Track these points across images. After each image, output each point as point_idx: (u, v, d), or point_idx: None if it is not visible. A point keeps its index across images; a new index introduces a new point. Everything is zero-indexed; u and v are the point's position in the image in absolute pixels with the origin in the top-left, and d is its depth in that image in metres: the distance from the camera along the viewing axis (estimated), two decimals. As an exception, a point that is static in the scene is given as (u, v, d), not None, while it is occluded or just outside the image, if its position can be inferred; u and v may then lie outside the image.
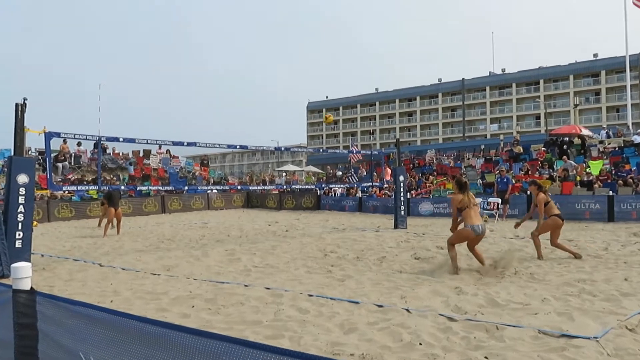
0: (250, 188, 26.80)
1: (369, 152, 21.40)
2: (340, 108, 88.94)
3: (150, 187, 19.56)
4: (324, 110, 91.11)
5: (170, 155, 33.44)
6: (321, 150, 19.31)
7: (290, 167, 51.65)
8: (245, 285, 7.34)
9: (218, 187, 25.48)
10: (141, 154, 31.97)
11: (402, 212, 15.69)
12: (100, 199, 17.02)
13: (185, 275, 8.38)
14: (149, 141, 12.49)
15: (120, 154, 31.46)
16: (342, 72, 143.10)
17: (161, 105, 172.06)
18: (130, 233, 16.04)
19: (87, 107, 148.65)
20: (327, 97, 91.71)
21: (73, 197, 23.69)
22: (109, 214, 15.19)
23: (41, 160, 25.82)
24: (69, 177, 26.04)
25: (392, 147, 66.16)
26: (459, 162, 30.47)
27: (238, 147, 14.46)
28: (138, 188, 16.02)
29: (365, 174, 28.58)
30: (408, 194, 21.15)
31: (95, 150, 28.51)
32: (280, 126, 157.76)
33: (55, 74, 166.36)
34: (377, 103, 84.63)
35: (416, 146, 68.92)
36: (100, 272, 8.82)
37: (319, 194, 26.81)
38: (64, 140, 26.63)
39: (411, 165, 29.49)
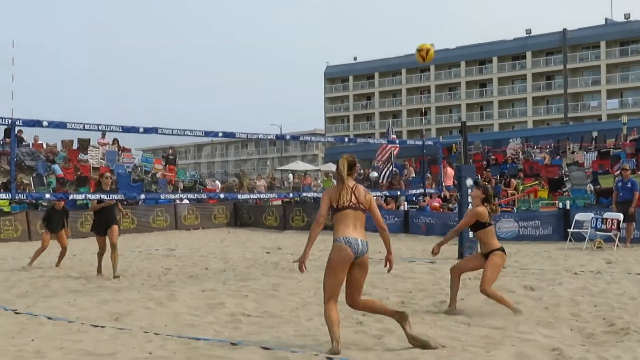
0: (240, 197, 26.97)
1: (419, 143, 21.37)
2: (376, 76, 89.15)
3: (88, 196, 19.71)
4: (350, 79, 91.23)
5: (119, 147, 33.81)
6: (346, 139, 19.42)
7: (300, 166, 51.82)
8: (233, 344, 7.41)
9: (190, 196, 25.59)
10: (75, 146, 32.39)
11: (470, 234, 15.71)
12: (41, 219, 17.00)
13: (142, 327, 8.46)
14: (86, 126, 12.67)
15: (45, 146, 31.89)
16: (378, 20, 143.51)
17: (106, 76, 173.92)
18: (60, 264, 16.23)
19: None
20: (355, 58, 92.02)
21: (-28, 211, 24.10)
22: (43, 240, 15.56)
23: None
24: (-32, 180, 26.45)
25: (456, 134, 65.98)
26: (557, 157, 30.31)
27: (220, 134, 14.58)
28: (70, 197, 16.19)
29: (413, 175, 28.59)
30: (479, 206, 21.10)
31: (7, 140, 28.91)
32: (284, 104, 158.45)
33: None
34: (433, 68, 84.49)
35: (492, 133, 68.82)
36: (16, 322, 8.94)
37: (342, 205, 26.83)
38: (-42, 126, 27.01)
39: (484, 162, 29.45)
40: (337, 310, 7.13)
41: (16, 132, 14.65)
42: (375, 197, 25.35)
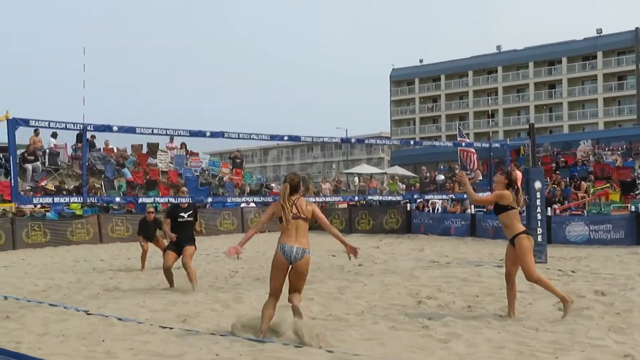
0: (305, 200, 27.08)
1: (487, 145, 21.13)
2: (442, 78, 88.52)
3: (157, 199, 20.05)
4: (416, 81, 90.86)
5: (187, 151, 34.33)
6: (412, 142, 19.32)
7: (366, 169, 51.77)
8: (297, 346, 7.44)
9: (257, 199, 25.82)
10: (144, 150, 33.01)
11: (540, 238, 15.75)
12: (137, 233, 16.81)
13: (209, 329, 8.59)
14: (155, 131, 12.91)
15: (115, 150, 32.58)
16: (444, 22, 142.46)
17: (174, 83, 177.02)
18: (130, 266, 16.55)
19: (67, 84, 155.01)
20: (421, 61, 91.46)
21: (48, 214, 24.68)
22: (142, 247, 15.95)
23: (2, 160, 27.00)
24: (42, 183, 27.21)
25: (524, 136, 65.10)
26: (630, 159, 29.59)
27: (286, 138, 14.69)
28: (140, 200, 16.50)
29: (480, 178, 28.29)
30: (549, 209, 20.75)
31: (79, 144, 29.65)
32: (350, 107, 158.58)
33: (16, 36, 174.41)
34: (500, 69, 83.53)
35: (562, 135, 67.51)
36: (88, 323, 9.16)
37: (409, 209, 26.79)
38: (34, 131, 27.77)
39: (553, 164, 28.96)
40: (274, 308, 7.95)
41: (88, 137, 15.08)
42: (440, 200, 24.98)
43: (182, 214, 12.58)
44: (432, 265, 15.59)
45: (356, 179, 43.82)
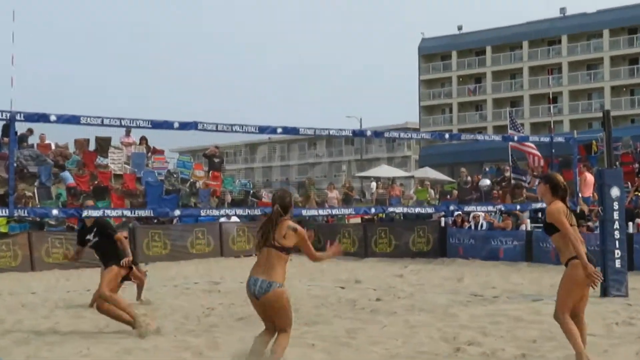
0: (306, 213, 26.85)
1: (547, 139, 21.05)
2: (488, 50, 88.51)
3: (108, 212, 20.01)
4: (453, 55, 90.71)
5: (149, 147, 34.26)
6: (447, 135, 19.24)
7: (386, 171, 51.74)
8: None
9: (241, 212, 25.68)
10: (92, 147, 32.94)
11: (618, 264, 15.65)
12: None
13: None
14: (106, 121, 12.84)
15: (53, 147, 32.52)
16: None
17: (133, 60, 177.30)
18: (69, 301, 16.47)
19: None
20: (459, 28, 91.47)
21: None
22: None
23: None
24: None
25: (596, 127, 64.85)
26: None
27: (280, 130, 14.61)
28: (85, 213, 16.36)
29: (538, 182, 28.17)
30: (630, 224, 20.64)
31: (5, 139, 29.58)
32: (365, 89, 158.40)
33: None
34: (564, 38, 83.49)
35: (647, 126, 67.36)
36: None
37: (443, 224, 26.70)
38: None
39: (636, 165, 28.83)
40: (264, 343, 8.87)
41: (19, 129, 14.95)
42: (484, 212, 25.02)
43: (88, 237, 12.70)
44: (474, 300, 15.52)
45: (373, 184, 43.74)
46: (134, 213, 17.50)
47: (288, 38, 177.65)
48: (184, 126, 13.45)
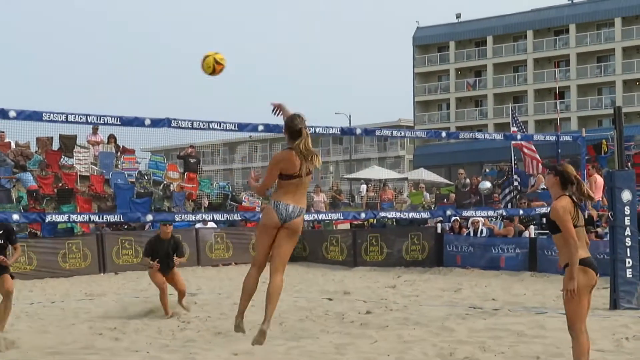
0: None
1: (552, 138, 21.17)
2: (489, 41, 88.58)
3: (73, 217, 19.98)
4: (450, 46, 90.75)
5: (118, 147, 34.20)
6: (444, 133, 19.31)
7: (377, 172, 51.83)
8: None
9: (219, 217, 25.61)
10: (56, 146, 32.84)
11: (629, 274, 15.67)
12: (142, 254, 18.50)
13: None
14: (71, 117, 12.85)
15: (13, 146, 32.41)
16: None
17: (101, 49, 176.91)
18: (32, 314, 16.48)
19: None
20: (457, 16, 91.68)
21: None
22: (154, 278, 16.54)
23: None
24: None
25: (606, 125, 64.89)
26: None
27: (261, 128, 14.64)
28: (49, 218, 16.40)
29: (543, 186, 28.29)
30: (642, 231, 20.75)
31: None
32: (354, 84, 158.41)
33: None
34: (572, 28, 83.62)
35: (662, 123, 67.58)
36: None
37: (440, 230, 26.76)
38: None
39: (650, 166, 28.97)
40: (256, 281, 9.91)
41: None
42: (484, 218, 25.18)
43: None
44: (473, 312, 15.58)
45: (363, 187, 43.90)
46: (102, 218, 17.48)
47: (268, 25, 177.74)
48: (156, 123, 13.46)
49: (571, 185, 8.79)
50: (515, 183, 27.33)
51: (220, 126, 14.09)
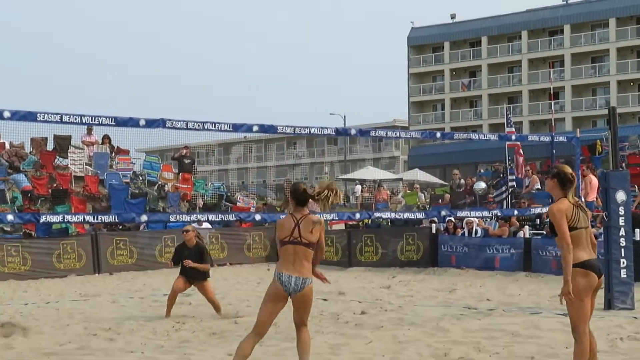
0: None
1: (547, 139, 21.21)
2: (484, 41, 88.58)
3: (68, 217, 20.02)
4: (445, 46, 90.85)
5: (113, 147, 34.19)
6: (439, 134, 19.34)
7: (372, 173, 51.87)
8: None
9: (214, 217, 25.61)
10: (50, 146, 32.81)
11: (623, 274, 15.71)
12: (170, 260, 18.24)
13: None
14: (65, 118, 12.86)
15: (7, 147, 32.38)
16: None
17: (96, 49, 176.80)
18: (27, 315, 16.46)
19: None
20: (452, 16, 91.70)
21: None
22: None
23: None
24: None
25: (601, 126, 64.96)
26: None
27: (256, 128, 14.68)
28: (44, 218, 16.42)
29: (537, 186, 28.36)
30: (637, 231, 20.75)
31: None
32: (349, 84, 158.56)
33: None
34: (567, 28, 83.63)
35: (656, 124, 67.64)
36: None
37: (435, 231, 26.77)
38: None
39: (644, 166, 29.03)
40: (252, 347, 9.45)
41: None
42: (479, 218, 25.12)
43: None
44: (468, 313, 15.60)
45: (358, 187, 43.91)
46: (97, 219, 17.49)
47: (263, 25, 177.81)
48: (150, 124, 13.49)
49: (570, 183, 8.82)
50: (511, 183, 27.34)
51: (214, 127, 14.13)
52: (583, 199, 21.81)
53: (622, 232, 15.98)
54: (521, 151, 27.56)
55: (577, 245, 8.69)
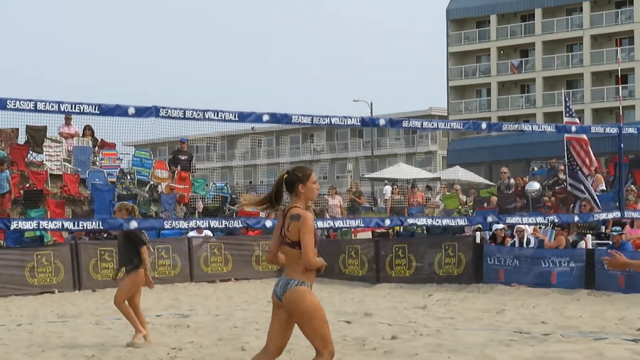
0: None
1: (614, 130, 21.17)
2: (537, 14, 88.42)
3: (43, 224, 20.03)
4: (492, 20, 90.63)
5: (96, 140, 34.23)
6: (484, 125, 19.29)
7: (405, 171, 51.86)
8: None
9: (216, 224, 25.63)
10: (22, 139, 32.88)
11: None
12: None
13: None
14: (41, 105, 12.89)
15: (-29, 138, 32.50)
16: None
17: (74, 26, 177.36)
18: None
19: None
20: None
21: None
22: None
23: None
24: None
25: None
26: None
27: (266, 118, 14.68)
28: (14, 225, 16.46)
29: (602, 187, 28.31)
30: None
31: None
32: (377, 66, 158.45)
33: None
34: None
35: None
36: None
37: (479, 240, 26.74)
38: None
39: None
40: None
41: None
42: (532, 225, 25.05)
43: None
44: (519, 338, 15.56)
45: (387, 188, 43.86)
46: (77, 225, 17.43)
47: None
48: (141, 112, 13.49)
49: None
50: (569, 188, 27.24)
51: (217, 116, 14.10)
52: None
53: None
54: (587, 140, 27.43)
55: None
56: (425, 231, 28.81)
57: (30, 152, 32.45)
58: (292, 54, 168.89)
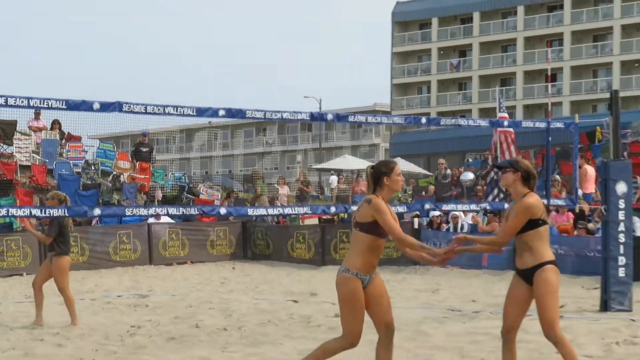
0: (252, 212, 27.02)
1: (543, 125, 21.33)
2: (475, 17, 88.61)
3: (12, 211, 20.01)
4: (433, 22, 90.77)
5: (63, 133, 34.10)
6: (424, 120, 19.41)
7: (350, 162, 51.91)
8: None
9: (174, 211, 25.59)
10: (-9, 132, 32.75)
11: (622, 273, 15.81)
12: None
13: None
14: (10, 100, 12.88)
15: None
16: None
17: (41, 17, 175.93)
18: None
19: None
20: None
21: None
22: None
23: None
24: None
25: (602, 111, 64.89)
26: None
27: (222, 113, 14.71)
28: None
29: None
30: (638, 226, 20.91)
31: None
32: (326, 64, 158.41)
33: None
34: (568, 2, 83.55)
35: (662, 109, 67.86)
36: None
37: (417, 226, 26.87)
38: None
39: (648, 156, 29.18)
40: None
41: None
42: (467, 212, 25.12)
43: None
44: (452, 315, 15.71)
45: (334, 178, 43.90)
46: (45, 212, 17.39)
47: None
48: (105, 107, 13.44)
49: (533, 179, 9.16)
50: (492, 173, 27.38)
51: (176, 110, 14.09)
52: (580, 191, 21.96)
53: (621, 227, 16.01)
54: (512, 137, 27.57)
55: (546, 241, 9.01)
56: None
57: (1, 144, 32.29)
58: (246, 51, 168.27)
